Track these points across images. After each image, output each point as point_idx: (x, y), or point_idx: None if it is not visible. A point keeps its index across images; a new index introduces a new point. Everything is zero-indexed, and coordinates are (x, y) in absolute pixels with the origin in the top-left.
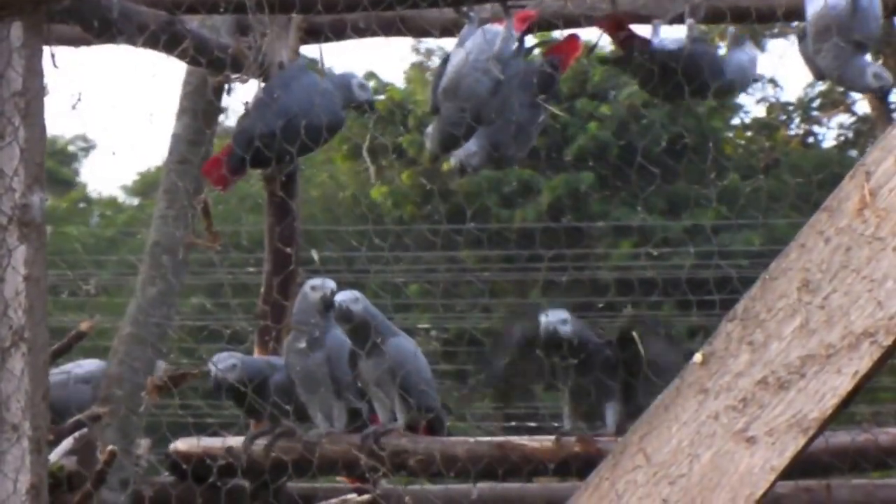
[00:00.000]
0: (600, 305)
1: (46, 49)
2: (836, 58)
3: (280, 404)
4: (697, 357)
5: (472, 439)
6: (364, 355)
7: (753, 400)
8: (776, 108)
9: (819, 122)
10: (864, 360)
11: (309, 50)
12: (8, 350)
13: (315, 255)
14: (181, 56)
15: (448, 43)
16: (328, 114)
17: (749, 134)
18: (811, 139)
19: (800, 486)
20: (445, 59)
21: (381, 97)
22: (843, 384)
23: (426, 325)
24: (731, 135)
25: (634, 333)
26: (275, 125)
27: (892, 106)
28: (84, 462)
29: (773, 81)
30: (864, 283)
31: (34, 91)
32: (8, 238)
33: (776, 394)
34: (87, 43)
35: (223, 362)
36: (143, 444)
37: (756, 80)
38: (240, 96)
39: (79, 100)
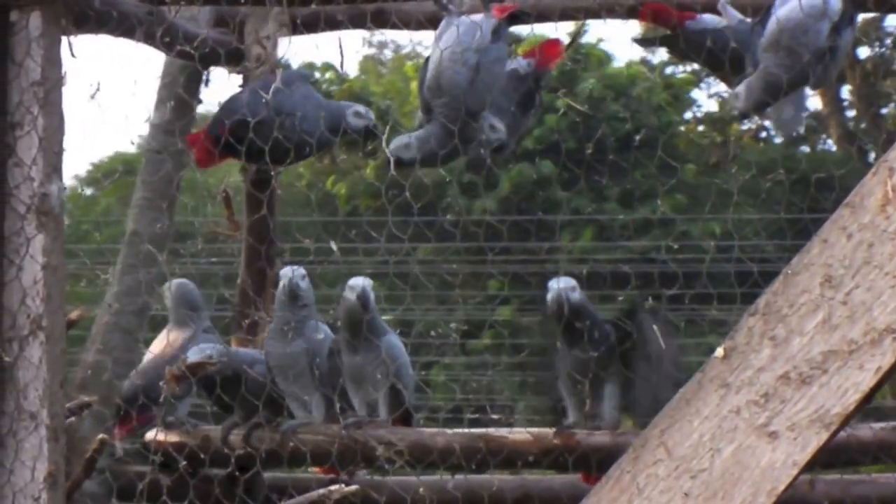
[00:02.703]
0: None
1: (64, 38)
2: (780, 79)
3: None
4: (719, 351)
5: (450, 431)
6: (347, 349)
7: (775, 395)
8: (728, 102)
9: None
10: (886, 356)
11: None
12: (26, 338)
13: (334, 245)
14: (176, 49)
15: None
16: (308, 131)
17: (701, 128)
18: (763, 134)
19: None
20: (427, 60)
21: (336, 87)
22: (866, 380)
23: (387, 318)
24: (682, 129)
25: (656, 328)
26: (258, 115)
27: (845, 103)
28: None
29: None
30: (887, 279)
31: (53, 80)
32: (26, 227)
33: (798, 389)
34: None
35: (206, 350)
36: (118, 433)
37: None
38: (217, 87)
39: (98, 89)
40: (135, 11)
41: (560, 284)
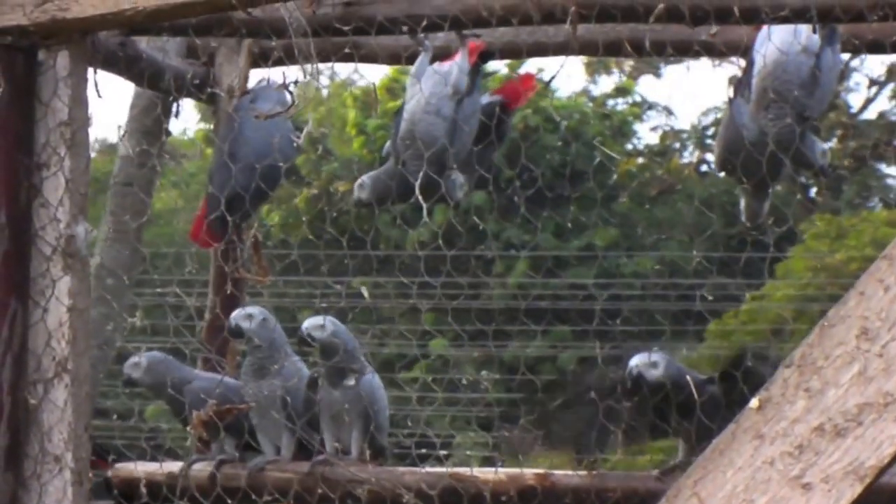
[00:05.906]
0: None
1: (90, 77)
2: (788, 126)
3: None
4: (754, 402)
5: (422, 469)
6: (329, 385)
7: (810, 446)
8: (669, 135)
9: (713, 150)
10: None
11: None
12: (51, 381)
13: (364, 290)
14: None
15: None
16: (290, 153)
17: (641, 161)
18: (705, 167)
19: None
20: (399, 110)
21: None
22: None
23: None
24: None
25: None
26: (249, 183)
27: None
28: None
29: (666, 109)
30: None
31: (80, 121)
32: (52, 268)
33: (833, 441)
34: None
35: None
36: None
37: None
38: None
39: (125, 133)
40: (106, 43)
41: (635, 361)
